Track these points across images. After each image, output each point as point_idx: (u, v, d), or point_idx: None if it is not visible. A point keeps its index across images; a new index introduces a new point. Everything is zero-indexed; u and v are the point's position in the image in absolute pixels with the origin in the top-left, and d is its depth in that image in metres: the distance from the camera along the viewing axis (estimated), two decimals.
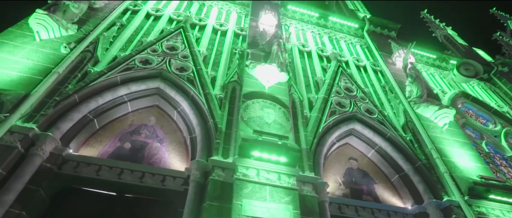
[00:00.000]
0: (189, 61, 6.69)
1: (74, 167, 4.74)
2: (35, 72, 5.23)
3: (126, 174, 4.85)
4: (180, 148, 5.71)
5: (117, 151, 5.35)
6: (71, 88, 5.32)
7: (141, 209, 4.82)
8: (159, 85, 6.10)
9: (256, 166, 4.78)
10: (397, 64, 9.10)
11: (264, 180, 4.66)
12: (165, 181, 4.93)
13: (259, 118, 5.56)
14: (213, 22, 8.65)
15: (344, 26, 10.48)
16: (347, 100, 7.18)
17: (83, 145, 5.29)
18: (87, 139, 5.37)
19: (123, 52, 6.59)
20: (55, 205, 4.52)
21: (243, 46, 7.99)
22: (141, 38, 7.25)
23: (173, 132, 5.93)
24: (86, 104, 5.27)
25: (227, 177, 4.66)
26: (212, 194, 4.40)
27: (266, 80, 6.43)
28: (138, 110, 6.10)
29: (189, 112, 5.78)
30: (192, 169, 4.84)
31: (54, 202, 4.53)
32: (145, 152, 5.44)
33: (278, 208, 4.40)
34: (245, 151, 4.79)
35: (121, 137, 5.57)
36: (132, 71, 6.02)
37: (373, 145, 6.77)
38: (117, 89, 5.71)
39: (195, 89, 6.01)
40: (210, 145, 5.21)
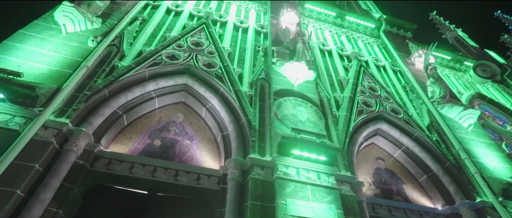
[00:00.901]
0: (215, 57, 6.55)
1: (106, 164, 4.57)
2: (64, 65, 5.04)
3: (160, 172, 4.69)
4: (211, 145, 5.56)
5: (147, 148, 5.18)
6: (100, 82, 5.14)
7: (175, 208, 4.66)
8: (187, 81, 5.94)
9: (296, 165, 4.67)
10: (417, 64, 9.08)
11: (304, 179, 4.55)
12: (200, 179, 4.79)
13: (293, 116, 5.45)
14: (233, 19, 8.52)
15: (360, 26, 10.44)
16: (372, 100, 7.11)
17: (112, 142, 5.11)
18: (116, 136, 5.20)
19: (147, 47, 6.42)
20: (87, 203, 4.33)
21: (265, 44, 7.88)
22: (164, 33, 7.08)
23: (202, 130, 5.79)
24: (116, 99, 5.10)
25: (267, 175, 4.54)
26: (254, 193, 4.27)
27: (295, 78, 6.32)
28: (165, 106, 5.94)
29: (219, 109, 5.64)
30: (229, 167, 4.71)
31: (86, 201, 4.34)
32: (176, 150, 5.29)
33: (322, 207, 4.29)
34: (284, 150, 4.67)
35: (150, 134, 5.40)
36: (160, 66, 5.86)
37: (400, 145, 6.71)
38: (146, 85, 5.54)
39: (224, 86, 5.87)
40: (245, 143, 5.08)
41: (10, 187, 3.48)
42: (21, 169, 3.67)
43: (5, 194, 3.43)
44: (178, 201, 4.72)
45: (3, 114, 4.00)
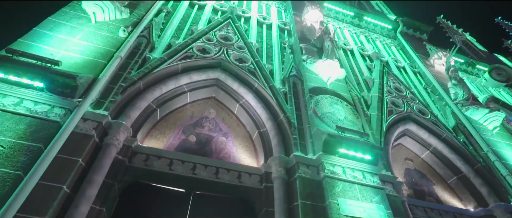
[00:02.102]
0: (245, 52, 6.37)
1: (144, 160, 4.33)
2: (98, 55, 4.77)
3: (200, 169, 4.48)
4: (246, 143, 5.38)
5: (182, 144, 4.96)
6: (134, 74, 4.90)
7: (214, 207, 4.46)
8: (219, 76, 5.74)
9: (341, 164, 4.54)
10: (436, 66, 9.11)
11: (351, 178, 4.43)
12: (241, 177, 4.60)
13: (331, 114, 5.33)
14: (256, 15, 8.35)
15: (377, 27, 10.44)
16: (399, 100, 7.05)
17: (146, 137, 4.87)
18: (149, 130, 4.95)
19: (176, 40, 6.19)
20: (123, 202, 4.09)
21: (290, 41, 7.74)
22: (190, 26, 6.86)
23: (235, 126, 5.59)
24: (151, 91, 4.87)
25: (313, 174, 4.39)
26: (303, 192, 4.12)
27: (328, 76, 6.20)
28: (196, 101, 5.72)
29: (255, 105, 5.45)
30: (274, 165, 4.54)
31: (122, 199, 4.10)
32: (212, 146, 5.08)
33: (372, 207, 4.18)
34: (330, 148, 4.54)
35: (184, 129, 5.18)
36: (192, 59, 5.64)
37: (428, 146, 6.66)
38: (180, 78, 5.32)
39: (259, 82, 5.69)
40: (286, 140, 4.92)
41: (56, 182, 3.23)
42: (65, 164, 3.41)
43: (52, 189, 3.17)
44: (216, 199, 4.51)
45: (42, 104, 3.72)
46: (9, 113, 3.50)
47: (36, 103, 3.71)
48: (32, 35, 4.59)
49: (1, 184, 2.91)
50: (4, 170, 3.02)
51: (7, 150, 3.18)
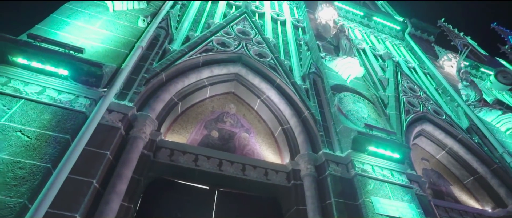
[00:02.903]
0: (264, 47, 6.22)
1: (169, 155, 4.13)
2: (119, 44, 4.54)
3: (226, 165, 4.31)
4: (269, 139, 5.23)
5: (205, 139, 4.77)
6: (156, 65, 4.69)
7: (241, 205, 4.29)
8: (240, 71, 5.58)
9: (370, 162, 4.45)
10: (445, 68, 9.16)
11: (380, 176, 4.34)
12: (268, 175, 4.45)
13: (356, 112, 5.24)
14: (269, 11, 8.21)
15: (386, 27, 10.45)
16: (415, 100, 7.03)
17: (168, 131, 4.66)
18: (171, 124, 4.75)
19: (194, 32, 5.99)
20: (146, 198, 3.89)
21: (305, 38, 7.63)
22: (206, 19, 6.67)
23: (256, 122, 5.44)
24: (173, 84, 4.67)
25: (343, 172, 4.29)
26: (335, 190, 4.00)
27: (348, 73, 6.11)
28: (215, 96, 5.54)
29: (277, 101, 5.31)
30: (303, 163, 4.41)
31: (146, 195, 3.89)
32: (236, 142, 4.91)
33: (403, 206, 4.09)
34: (360, 146, 4.44)
35: (206, 124, 4.99)
36: (213, 52, 5.46)
37: (443, 147, 6.65)
38: (201, 71, 5.13)
39: (281, 77, 5.55)
40: (312, 137, 4.80)
41: (86, 177, 3.01)
42: (94, 157, 3.19)
43: (82, 184, 2.95)
44: (240, 197, 4.35)
45: (66, 93, 3.48)
46: (33, 102, 3.26)
47: (59, 92, 3.47)
48: (50, 21, 4.33)
49: (30, 177, 2.68)
50: (33, 163, 2.78)
51: (34, 141, 2.95)
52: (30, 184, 2.64)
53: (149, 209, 3.81)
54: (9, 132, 2.93)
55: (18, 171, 2.69)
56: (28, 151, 2.85)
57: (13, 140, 2.88)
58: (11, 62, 3.39)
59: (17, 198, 2.53)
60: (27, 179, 2.66)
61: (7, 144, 2.83)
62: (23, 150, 2.84)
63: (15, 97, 3.23)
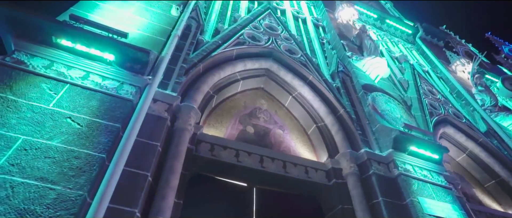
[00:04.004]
0: (293, 44, 6.09)
1: (210, 149, 3.93)
2: (155, 32, 4.31)
3: (268, 162, 4.15)
4: (303, 137, 5.09)
5: (242, 135, 4.59)
6: (193, 56, 4.48)
7: (280, 203, 4.14)
8: (271, 66, 5.43)
9: (410, 162, 4.39)
10: (458, 72, 9.30)
11: (422, 177, 4.29)
12: (308, 172, 4.31)
13: (389, 111, 5.18)
14: (290, 9, 8.10)
15: (398, 30, 10.54)
16: (436, 103, 7.06)
17: (204, 124, 4.45)
18: (206, 118, 4.54)
19: (222, 25, 5.81)
20: (186, 195, 3.67)
21: (327, 37, 7.55)
22: (232, 13, 6.49)
23: (288, 119, 5.29)
24: (211, 76, 4.47)
25: (386, 171, 4.20)
26: (381, 189, 3.91)
27: (376, 73, 6.07)
28: (245, 91, 5.36)
29: (311, 99, 5.19)
30: (344, 161, 4.29)
31: (187, 192, 3.68)
32: (271, 139, 4.75)
33: (448, 207, 4.05)
34: (401, 145, 4.37)
35: (240, 119, 4.81)
36: (245, 46, 5.28)
37: (464, 150, 6.70)
38: (235, 64, 4.96)
39: (313, 75, 5.43)
40: (350, 136, 4.69)
41: (141, 169, 2.79)
42: (145, 148, 2.98)
43: (138, 177, 2.73)
44: (278, 195, 4.21)
45: (110, 79, 3.24)
46: (78, 87, 3.00)
47: (104, 78, 3.22)
48: (83, 4, 4.05)
49: (88, 167, 2.44)
50: (87, 152, 2.54)
51: (85, 128, 2.70)
52: (88, 175, 2.40)
53: (188, 206, 3.60)
54: (59, 118, 2.68)
55: (74, 160, 2.45)
56: (81, 140, 2.60)
57: (64, 127, 2.63)
58: (54, 44, 3.12)
59: (77, 190, 2.29)
60: (84, 170, 2.42)
61: (58, 131, 2.58)
62: (76, 138, 2.59)
63: (60, 81, 2.97)
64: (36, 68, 2.97)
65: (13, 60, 2.94)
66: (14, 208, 2.05)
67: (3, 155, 2.28)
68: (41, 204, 2.13)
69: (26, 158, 2.33)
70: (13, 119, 2.51)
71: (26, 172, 2.25)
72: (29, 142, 2.43)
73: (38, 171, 2.29)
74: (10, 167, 2.24)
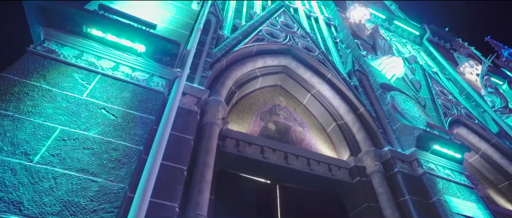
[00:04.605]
0: (309, 42, 6.05)
1: (235, 145, 3.86)
2: (179, 25, 4.24)
3: (292, 159, 4.09)
4: (322, 134, 5.05)
5: (264, 131, 4.52)
6: (216, 50, 4.41)
7: (303, 201, 4.09)
8: (289, 64, 5.38)
9: (433, 161, 4.38)
10: (466, 74, 9.35)
11: (445, 176, 4.27)
12: (332, 170, 4.27)
13: (408, 110, 5.17)
14: (302, 7, 8.07)
15: (405, 32, 10.58)
16: (448, 103, 7.07)
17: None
18: (228, 114, 4.47)
19: (239, 21, 5.75)
20: (216, 191, 3.59)
21: (339, 36, 7.53)
22: (248, 10, 6.43)
23: (307, 117, 5.24)
24: (234, 71, 4.41)
25: (410, 169, 4.18)
26: (407, 187, 3.88)
27: (392, 73, 6.06)
28: (264, 88, 5.31)
29: (331, 96, 5.15)
30: (368, 159, 4.25)
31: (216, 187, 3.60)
32: (292, 136, 4.69)
33: (473, 207, 4.03)
34: (425, 144, 4.36)
35: (261, 116, 4.74)
36: (265, 42, 5.23)
37: (477, 150, 6.71)
38: (256, 60, 4.90)
39: (331, 72, 5.39)
40: (372, 134, 4.67)
41: (177, 163, 2.71)
42: (179, 142, 2.90)
43: (175, 171, 2.65)
44: (301, 192, 4.16)
45: (140, 71, 3.16)
46: (110, 78, 2.92)
47: (133, 69, 3.14)
48: None
49: (127, 160, 2.36)
50: (125, 144, 2.46)
51: (120, 120, 2.62)
52: (128, 168, 2.32)
53: (218, 202, 3.52)
54: (94, 109, 2.59)
55: (112, 152, 2.36)
56: (117, 131, 2.52)
57: (100, 118, 2.54)
58: (84, 33, 3.03)
59: (119, 183, 2.20)
60: (124, 162, 2.34)
61: (94, 122, 2.49)
62: (112, 130, 2.51)
63: (92, 71, 2.88)
64: (67, 57, 2.88)
65: (44, 49, 2.84)
66: (58, 200, 1.97)
67: (43, 145, 2.19)
68: (84, 197, 2.05)
69: (65, 148, 2.24)
70: (49, 109, 2.42)
71: (66, 163, 2.17)
72: (67, 133, 2.34)
73: (78, 162, 2.20)
74: (51, 157, 2.15)
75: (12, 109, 2.30)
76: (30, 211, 1.87)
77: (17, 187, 1.93)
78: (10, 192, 1.90)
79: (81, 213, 1.97)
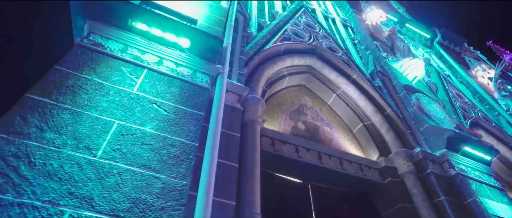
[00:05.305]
0: (332, 42, 6.03)
1: (271, 144, 3.81)
2: (212, 22, 4.17)
3: (325, 159, 4.05)
4: (348, 135, 5.02)
5: (294, 131, 4.48)
6: (248, 48, 4.37)
7: (335, 200, 4.05)
8: (315, 64, 5.35)
9: (463, 162, 4.37)
10: (478, 77, 9.42)
11: (476, 177, 4.27)
12: (363, 170, 4.24)
13: (434, 112, 5.17)
14: (318, 8, 8.06)
15: (416, 34, 10.63)
16: (465, 106, 7.11)
17: None
18: None
19: (263, 20, 5.71)
20: None
21: (357, 37, 7.53)
22: (269, 10, 6.40)
23: (333, 117, 5.22)
24: (266, 69, 4.37)
25: (441, 170, 4.17)
26: (441, 188, 3.86)
27: (414, 75, 6.07)
28: (289, 87, 5.27)
29: (356, 97, 5.13)
30: (400, 160, 4.23)
31: None
32: (322, 136, 4.66)
33: (507, 209, 4.03)
34: (455, 146, 4.36)
35: (290, 115, 4.70)
36: (292, 42, 5.19)
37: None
38: (284, 59, 4.86)
39: (356, 73, 5.37)
40: (401, 135, 4.65)
41: (229, 160, 2.66)
42: (228, 139, 2.85)
43: (230, 169, 2.62)
44: (332, 192, 4.12)
45: (183, 66, 3.09)
46: (156, 73, 2.85)
47: (177, 64, 3.08)
48: None
49: (185, 156, 2.30)
50: (181, 140, 2.40)
51: (172, 115, 2.55)
52: (187, 165, 2.26)
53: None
54: (146, 103, 2.53)
55: (170, 148, 2.30)
56: (171, 127, 2.46)
57: (153, 113, 2.48)
58: (128, 27, 2.96)
59: (181, 180, 2.14)
60: (183, 159, 2.28)
61: (148, 117, 2.43)
62: (167, 125, 2.45)
63: (138, 65, 2.82)
64: (113, 51, 2.82)
65: (90, 42, 2.77)
66: (126, 196, 1.90)
67: (103, 139, 2.12)
68: (150, 193, 1.98)
69: (125, 143, 2.18)
70: (104, 103, 2.36)
71: (128, 159, 2.10)
72: (124, 127, 2.28)
73: (139, 158, 2.14)
74: (112, 152, 2.08)
75: (70, 103, 2.23)
76: (101, 207, 1.80)
77: (86, 182, 1.87)
78: (80, 187, 1.83)
79: (150, 210, 1.91)
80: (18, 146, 1.86)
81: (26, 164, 1.80)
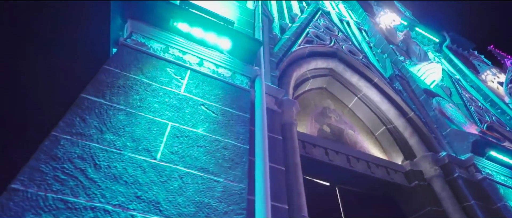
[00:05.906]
0: (351, 45, 6.03)
1: (302, 147, 3.78)
2: (242, 24, 4.16)
3: (354, 162, 4.04)
4: (371, 138, 5.02)
5: (320, 133, 4.46)
6: (276, 50, 4.34)
7: (361, 203, 4.05)
8: (336, 67, 5.34)
9: (489, 166, 4.38)
10: (488, 82, 9.50)
11: (502, 182, 4.28)
12: (390, 174, 4.23)
13: (455, 116, 5.19)
14: (332, 11, 8.07)
15: (425, 38, 10.70)
16: (479, 110, 7.15)
17: None
18: None
19: (285, 22, 5.70)
20: None
21: (372, 41, 7.55)
22: (289, 12, 6.39)
23: (355, 120, 5.21)
24: (294, 72, 4.36)
25: (467, 174, 4.18)
26: (470, 192, 3.87)
27: (432, 79, 6.09)
28: (311, 90, 5.24)
29: (378, 100, 5.13)
30: (426, 164, 4.24)
31: None
32: (346, 139, 4.65)
33: None
34: (480, 150, 4.37)
35: (315, 118, 4.69)
36: (315, 44, 5.18)
37: None
38: (309, 62, 4.85)
39: (377, 76, 5.38)
40: (425, 138, 4.65)
41: (277, 164, 2.63)
42: (273, 142, 2.81)
43: (277, 172, 2.58)
44: (358, 195, 4.12)
45: (222, 67, 3.06)
46: (199, 74, 2.82)
47: (217, 65, 3.04)
48: None
49: (238, 159, 2.27)
50: (233, 143, 2.36)
51: (220, 117, 2.52)
52: (242, 168, 2.23)
53: None
54: (194, 105, 2.49)
55: (224, 151, 2.27)
56: (221, 129, 2.43)
57: (202, 115, 2.45)
58: (170, 27, 2.93)
59: (239, 184, 2.11)
60: (237, 162, 2.25)
61: (199, 119, 2.39)
62: (217, 127, 2.42)
63: (181, 66, 2.79)
64: (156, 51, 2.78)
65: (133, 41, 2.73)
66: (190, 200, 1.86)
67: (160, 141, 2.08)
68: (212, 197, 1.95)
69: (181, 146, 2.14)
70: (155, 104, 2.32)
71: (186, 162, 2.06)
72: (178, 129, 2.24)
73: (196, 160, 2.10)
74: (171, 155, 2.05)
75: (123, 103, 2.19)
76: (169, 211, 1.76)
77: (150, 186, 1.83)
78: (146, 191, 1.79)
79: (214, 214, 1.87)
80: (82, 148, 1.81)
81: (92, 167, 1.76)
